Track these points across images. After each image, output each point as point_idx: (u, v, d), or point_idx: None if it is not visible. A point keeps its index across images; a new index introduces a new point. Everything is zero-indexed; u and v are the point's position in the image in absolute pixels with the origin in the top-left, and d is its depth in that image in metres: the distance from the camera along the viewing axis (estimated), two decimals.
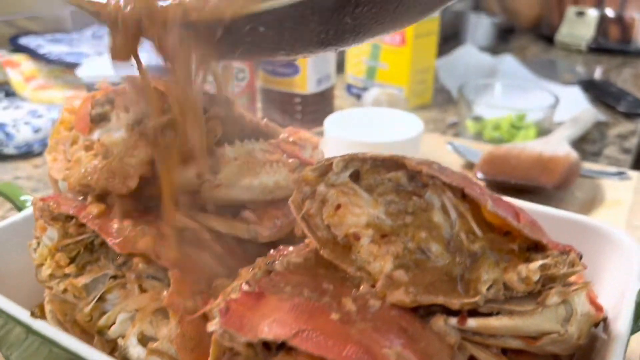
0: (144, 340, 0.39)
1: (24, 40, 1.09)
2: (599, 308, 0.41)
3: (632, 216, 0.70)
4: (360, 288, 0.37)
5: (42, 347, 0.37)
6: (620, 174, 0.80)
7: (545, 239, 0.37)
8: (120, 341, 0.39)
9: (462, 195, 0.40)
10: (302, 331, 0.30)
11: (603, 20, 1.60)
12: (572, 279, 0.42)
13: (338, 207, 0.41)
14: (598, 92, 1.21)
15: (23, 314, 0.38)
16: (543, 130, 0.98)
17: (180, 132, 0.42)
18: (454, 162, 0.85)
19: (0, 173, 0.87)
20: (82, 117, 0.51)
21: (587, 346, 0.40)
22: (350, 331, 0.31)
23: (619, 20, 1.59)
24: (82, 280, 0.41)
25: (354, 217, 0.40)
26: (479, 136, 0.99)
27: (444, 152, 0.88)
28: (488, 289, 0.35)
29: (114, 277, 0.41)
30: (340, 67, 1.24)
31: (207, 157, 0.44)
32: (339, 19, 0.34)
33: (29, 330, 0.36)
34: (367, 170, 0.42)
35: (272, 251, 0.42)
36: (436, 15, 1.11)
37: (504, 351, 0.39)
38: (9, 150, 0.89)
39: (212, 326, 0.31)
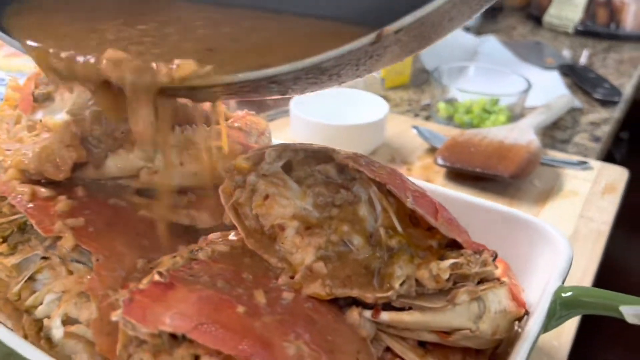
0: (68, 321, 0.39)
1: None
2: (521, 304, 0.42)
3: (586, 207, 0.71)
4: (279, 280, 0.37)
5: None
6: (582, 163, 0.81)
7: (461, 238, 0.37)
8: (46, 321, 0.40)
9: (389, 192, 0.40)
10: (202, 324, 0.30)
11: (592, 3, 1.58)
12: (499, 272, 0.43)
13: (266, 197, 0.41)
14: (577, 77, 1.21)
15: None
16: (515, 116, 0.98)
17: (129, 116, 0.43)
18: (418, 147, 0.85)
19: None
20: (25, 96, 0.51)
21: (511, 339, 0.40)
22: (254, 324, 0.32)
23: (608, 3, 1.57)
24: (12, 260, 0.41)
25: (281, 208, 0.41)
26: (450, 119, 0.99)
27: (409, 136, 0.88)
28: (401, 284, 0.36)
29: (45, 257, 0.42)
30: None
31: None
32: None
33: None
34: (299, 161, 0.42)
35: (201, 239, 0.42)
36: None
37: (423, 343, 0.40)
38: None
39: (115, 316, 0.31)
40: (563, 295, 0.39)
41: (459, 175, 0.75)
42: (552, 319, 0.39)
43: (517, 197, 0.73)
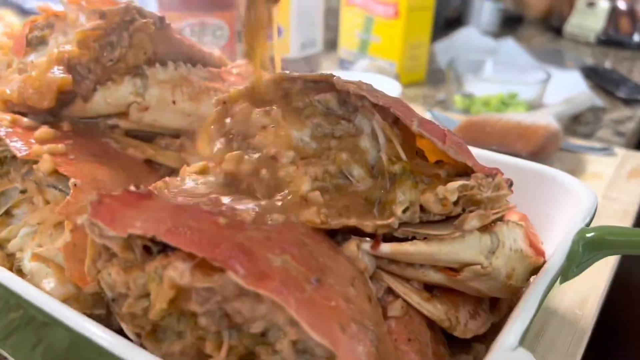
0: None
1: None
2: (540, 252, 0.38)
3: (610, 188, 0.67)
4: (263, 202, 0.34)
5: None
6: (605, 149, 0.76)
7: (472, 162, 0.34)
8: (18, 254, 0.37)
9: (395, 122, 0.37)
10: (176, 227, 0.27)
11: (614, 12, 1.55)
12: (513, 218, 0.39)
13: (262, 128, 0.38)
14: (599, 79, 1.17)
15: None
16: (533, 109, 0.94)
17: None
18: None
19: None
20: (19, 40, 0.49)
21: None
22: (235, 235, 0.28)
23: (631, 12, 1.53)
24: None
25: (275, 137, 0.37)
26: (466, 112, 0.95)
27: None
28: (404, 211, 0.32)
29: (23, 192, 0.39)
30: (334, 44, 1.22)
31: (135, 77, 0.42)
32: None
33: None
34: (297, 90, 0.39)
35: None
36: None
37: (430, 289, 0.36)
38: None
39: (80, 219, 0.28)
40: (587, 235, 0.35)
41: None
42: (575, 263, 0.35)
43: None
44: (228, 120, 0.39)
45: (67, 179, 0.36)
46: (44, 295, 0.29)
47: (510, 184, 0.34)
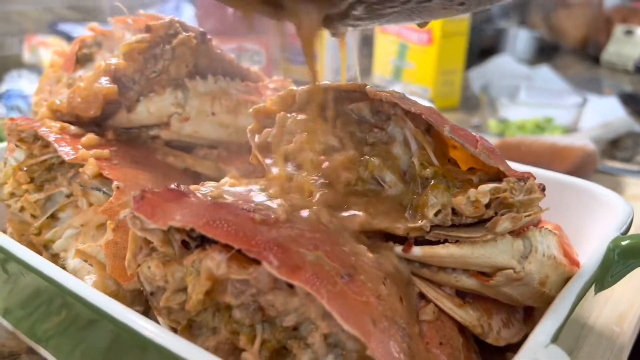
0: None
1: (61, 27, 1.14)
2: (574, 262, 0.38)
3: None
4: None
5: None
6: None
7: (504, 167, 0.34)
8: (62, 254, 0.38)
9: (427, 130, 0.38)
10: (214, 220, 0.28)
11: None
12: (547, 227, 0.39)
13: (296, 137, 0.39)
14: (637, 105, 1.15)
15: None
16: (569, 134, 0.93)
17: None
18: None
19: None
20: (69, 57, 0.52)
21: None
22: (270, 231, 0.29)
23: None
24: (36, 196, 0.41)
25: (310, 144, 0.39)
26: (501, 136, 0.95)
27: None
28: (436, 214, 0.33)
29: (69, 196, 0.41)
30: (368, 71, 1.24)
31: (176, 89, 0.44)
32: None
33: None
34: (330, 100, 0.40)
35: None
36: (466, 15, 1.09)
37: (463, 297, 0.36)
38: None
39: (123, 213, 0.29)
40: (622, 243, 0.35)
41: None
42: (610, 271, 0.35)
43: None
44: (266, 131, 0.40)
45: (111, 182, 0.38)
46: (89, 289, 0.30)
47: (543, 189, 0.34)
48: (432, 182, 0.34)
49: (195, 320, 0.31)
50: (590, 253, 0.35)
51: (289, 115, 0.40)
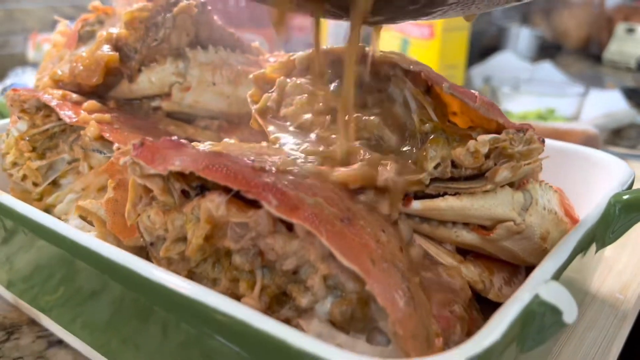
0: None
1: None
2: (575, 221, 0.37)
3: None
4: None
5: None
6: None
7: (503, 119, 0.34)
8: (63, 217, 0.38)
9: (427, 91, 0.38)
10: (213, 164, 0.28)
11: None
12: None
13: (296, 100, 0.39)
14: None
15: None
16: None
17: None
18: None
19: None
20: (71, 35, 0.53)
21: None
22: (269, 177, 0.29)
23: None
24: (38, 163, 0.41)
25: (310, 108, 0.39)
26: None
27: None
28: (435, 167, 0.33)
29: (70, 162, 0.41)
30: None
31: (177, 58, 0.44)
32: None
33: None
34: (330, 64, 0.40)
35: None
36: None
37: (464, 255, 0.36)
38: None
39: (122, 160, 0.29)
40: (623, 197, 0.34)
41: None
42: (611, 226, 0.35)
43: None
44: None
45: (112, 144, 0.38)
46: (95, 239, 0.30)
47: (542, 140, 0.34)
48: (432, 137, 0.34)
49: (195, 272, 0.31)
50: (591, 209, 0.35)
51: (288, 79, 0.40)
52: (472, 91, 0.36)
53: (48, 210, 0.40)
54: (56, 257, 0.33)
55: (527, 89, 1.02)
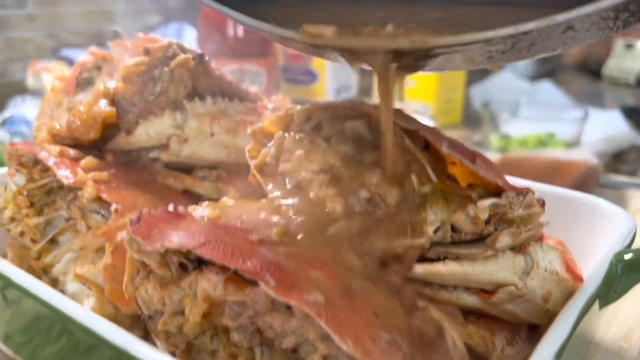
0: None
1: (66, 52, 1.15)
2: (577, 277, 0.37)
3: None
4: None
5: None
6: None
7: (502, 181, 0.34)
8: (61, 277, 0.38)
9: (425, 147, 0.38)
10: (210, 242, 0.28)
11: None
12: (549, 243, 0.38)
13: (294, 156, 0.39)
14: None
15: None
16: (572, 148, 0.93)
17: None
18: None
19: None
20: (69, 81, 0.53)
21: None
22: (267, 251, 0.29)
23: None
24: (36, 220, 0.41)
25: (308, 164, 0.38)
26: (503, 151, 0.95)
27: None
28: (435, 231, 0.33)
29: (68, 219, 0.41)
30: (368, 91, 1.24)
31: (175, 110, 0.44)
32: None
33: None
34: (328, 118, 0.40)
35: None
36: None
37: (465, 316, 0.35)
38: None
39: (120, 236, 0.29)
40: (625, 257, 0.34)
41: None
42: (614, 286, 0.34)
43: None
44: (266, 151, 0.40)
45: (109, 205, 0.38)
46: (88, 313, 0.30)
47: (543, 203, 0.33)
48: (431, 198, 0.34)
49: (194, 344, 0.31)
50: (593, 268, 0.34)
51: (286, 134, 0.40)
52: (471, 150, 0.36)
53: (47, 269, 0.40)
54: (51, 323, 0.33)
55: (527, 113, 1.01)
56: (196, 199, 0.45)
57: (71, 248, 0.39)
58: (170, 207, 0.32)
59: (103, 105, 0.41)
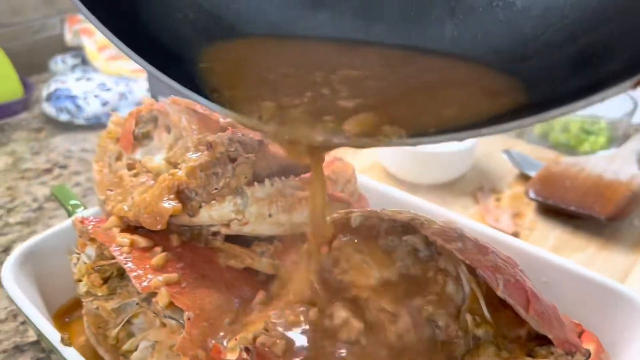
0: None
1: None
2: None
3: None
4: None
5: None
6: None
7: (553, 334, 0.36)
8: None
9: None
10: None
11: None
12: (591, 346, 0.41)
13: (351, 263, 0.41)
14: None
15: (54, 336, 0.42)
16: (617, 137, 0.91)
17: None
18: (508, 172, 0.82)
19: (70, 143, 0.93)
20: (126, 133, 0.54)
21: None
22: None
23: None
24: (112, 304, 0.44)
25: (364, 277, 0.41)
26: (544, 138, 0.94)
27: (498, 161, 0.84)
28: None
29: (139, 303, 0.44)
30: None
31: (236, 196, 0.46)
32: None
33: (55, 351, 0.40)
34: (385, 229, 0.42)
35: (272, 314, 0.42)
36: None
37: None
38: (79, 121, 0.95)
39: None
40: None
41: (550, 211, 0.72)
42: None
43: (613, 239, 0.69)
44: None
45: (182, 311, 0.41)
46: None
47: (588, 356, 0.36)
48: (484, 344, 0.36)
49: None
50: None
51: (342, 243, 0.42)
52: (526, 291, 0.38)
53: (125, 355, 0.44)
54: None
55: None
56: (255, 274, 0.48)
57: (146, 337, 0.43)
58: (244, 354, 0.35)
59: (168, 203, 0.43)
